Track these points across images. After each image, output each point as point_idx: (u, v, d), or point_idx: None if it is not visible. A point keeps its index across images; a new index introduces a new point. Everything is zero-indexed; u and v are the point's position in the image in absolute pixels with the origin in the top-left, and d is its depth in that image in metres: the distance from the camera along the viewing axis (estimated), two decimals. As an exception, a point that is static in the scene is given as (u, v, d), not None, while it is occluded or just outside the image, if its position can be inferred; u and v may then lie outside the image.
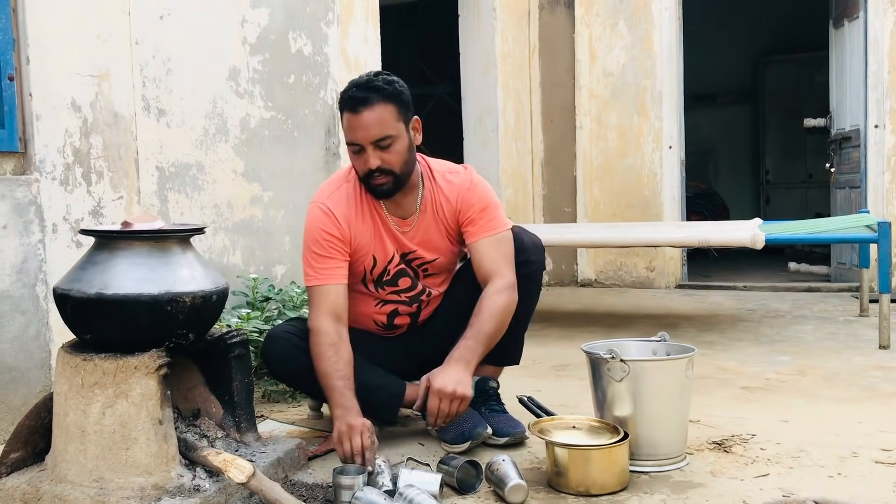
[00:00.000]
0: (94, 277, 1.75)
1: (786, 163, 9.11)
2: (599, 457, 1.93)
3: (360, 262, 2.31)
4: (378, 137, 2.14)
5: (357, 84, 2.18)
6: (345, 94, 2.19)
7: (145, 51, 2.89)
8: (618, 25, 5.91)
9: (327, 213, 2.27)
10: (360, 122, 2.14)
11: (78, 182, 2.63)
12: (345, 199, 2.29)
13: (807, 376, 3.09)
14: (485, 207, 2.32)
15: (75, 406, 1.75)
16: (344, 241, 2.26)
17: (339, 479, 1.83)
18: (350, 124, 2.16)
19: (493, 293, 2.23)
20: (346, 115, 2.17)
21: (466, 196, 2.32)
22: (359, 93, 2.14)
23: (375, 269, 2.33)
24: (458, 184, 2.34)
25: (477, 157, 5.75)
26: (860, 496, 1.85)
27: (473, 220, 2.30)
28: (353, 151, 2.19)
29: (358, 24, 4.10)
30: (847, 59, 5.59)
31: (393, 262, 2.33)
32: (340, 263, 2.25)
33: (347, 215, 2.27)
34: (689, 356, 2.11)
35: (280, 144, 3.57)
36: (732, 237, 4.00)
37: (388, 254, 2.32)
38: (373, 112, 2.13)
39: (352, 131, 2.16)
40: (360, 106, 2.13)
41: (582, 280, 6.13)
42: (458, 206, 2.32)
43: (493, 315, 2.20)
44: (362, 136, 2.14)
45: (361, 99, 2.13)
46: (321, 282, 2.23)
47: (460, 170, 2.39)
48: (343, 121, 2.20)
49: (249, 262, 3.38)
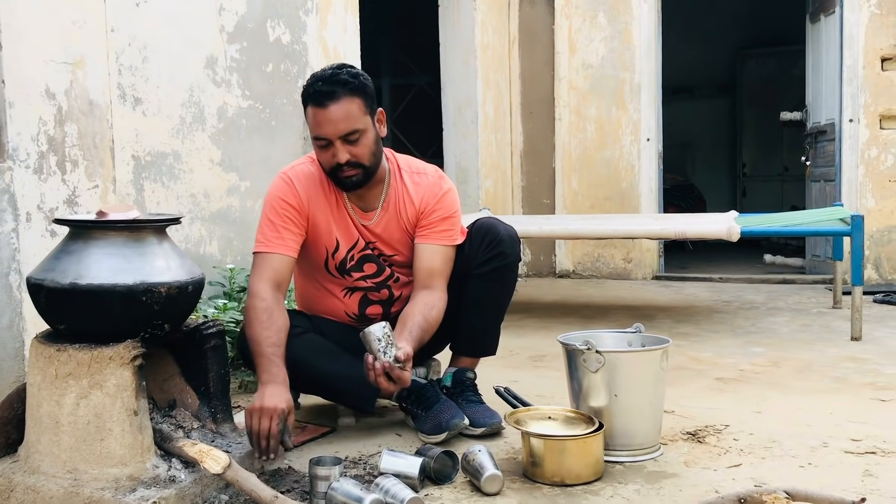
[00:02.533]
0: (68, 267, 1.73)
1: (762, 156, 9.18)
2: (574, 447, 1.95)
3: (321, 243, 2.30)
4: (346, 132, 2.13)
5: (322, 78, 2.15)
6: (309, 88, 2.16)
7: (121, 38, 2.86)
8: (597, 17, 5.93)
9: (287, 182, 2.27)
10: (326, 117, 2.12)
11: (52, 170, 2.60)
12: (309, 176, 2.29)
13: (780, 368, 3.13)
14: (446, 217, 2.32)
15: (49, 397, 1.74)
16: (300, 212, 2.25)
17: (314, 469, 1.83)
18: (316, 119, 2.14)
19: (429, 305, 2.22)
20: (311, 110, 2.15)
21: (433, 200, 2.31)
22: (324, 87, 2.12)
23: (338, 253, 2.32)
24: (425, 186, 2.33)
25: (456, 149, 5.75)
26: (830, 485, 1.88)
27: (431, 225, 2.31)
28: (320, 146, 2.18)
29: (337, 13, 4.08)
30: (823, 54, 5.64)
31: (357, 247, 2.33)
32: (293, 236, 2.23)
33: (309, 189, 2.27)
34: (663, 347, 2.13)
35: (258, 134, 3.55)
36: (708, 230, 4.03)
37: (353, 238, 2.32)
38: (339, 106, 2.11)
39: (318, 126, 2.14)
40: (326, 100, 2.11)
41: (560, 271, 6.16)
42: (421, 207, 2.31)
43: (431, 328, 2.20)
44: (330, 130, 2.13)
45: (327, 93, 2.11)
46: (268, 249, 2.21)
47: (430, 171, 2.38)
48: (308, 115, 2.17)
49: (226, 252, 3.36)
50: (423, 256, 2.30)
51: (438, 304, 2.25)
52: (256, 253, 2.23)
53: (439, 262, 2.30)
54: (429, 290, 2.27)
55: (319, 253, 2.32)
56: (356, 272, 2.36)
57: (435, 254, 2.30)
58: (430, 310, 2.22)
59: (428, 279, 2.28)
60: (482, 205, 5.55)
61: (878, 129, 5.26)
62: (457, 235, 2.35)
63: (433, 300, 2.24)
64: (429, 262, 2.29)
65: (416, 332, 2.15)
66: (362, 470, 2.02)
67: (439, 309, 2.24)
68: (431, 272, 2.29)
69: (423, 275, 2.29)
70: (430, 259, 2.30)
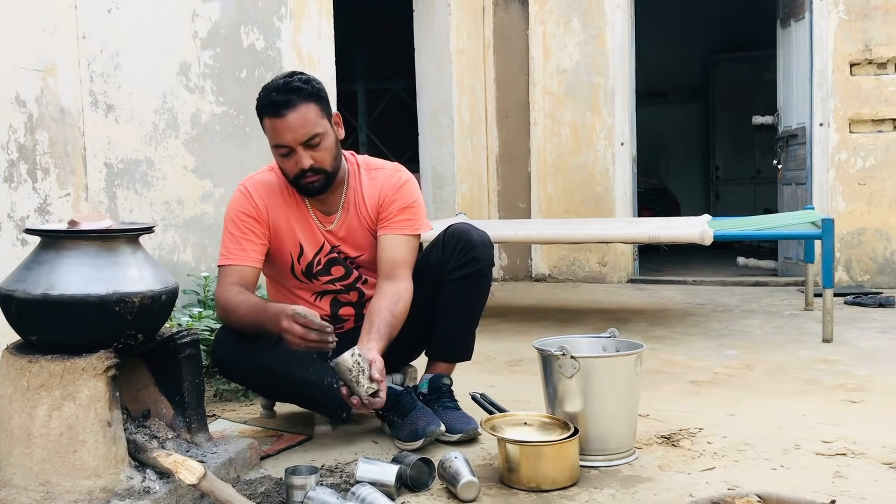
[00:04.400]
0: (39, 278, 1.71)
1: (735, 159, 9.28)
2: (550, 453, 1.96)
3: (285, 250, 2.31)
4: (306, 137, 2.15)
5: (275, 88, 2.16)
6: (264, 99, 2.17)
7: (93, 45, 2.84)
8: (571, 23, 5.97)
9: (244, 194, 2.29)
10: (285, 125, 2.13)
11: (23, 179, 2.58)
12: (268, 185, 2.30)
13: (753, 370, 3.16)
14: (406, 207, 2.33)
15: (20, 409, 1.72)
16: (260, 222, 2.26)
17: (290, 478, 1.83)
18: (275, 128, 2.15)
19: (395, 298, 2.22)
20: (268, 121, 2.16)
21: (391, 192, 2.33)
22: (279, 96, 2.13)
23: (303, 257, 2.32)
24: (382, 179, 2.35)
25: (432, 153, 5.76)
26: (801, 487, 1.91)
27: (391, 216, 2.32)
28: (282, 154, 2.19)
29: (311, 18, 4.07)
30: (793, 59, 5.72)
31: (323, 251, 2.34)
32: (254, 246, 2.25)
33: (267, 197, 2.28)
34: (637, 352, 2.15)
35: (232, 140, 3.53)
36: (682, 233, 4.07)
37: (318, 242, 2.33)
38: (297, 113, 2.13)
39: (277, 135, 2.15)
40: (282, 109, 2.13)
41: (536, 275, 6.18)
42: (380, 200, 2.33)
43: (399, 321, 2.20)
44: (290, 138, 2.14)
45: (283, 102, 2.13)
46: (231, 262, 2.24)
47: (388, 166, 2.40)
48: (266, 127, 2.18)
49: (200, 260, 3.34)
50: (386, 247, 2.31)
51: (404, 295, 2.24)
52: (220, 266, 2.26)
53: (402, 252, 2.30)
54: (393, 281, 2.26)
55: (284, 259, 2.33)
56: (324, 276, 2.36)
57: (397, 243, 2.30)
58: (395, 303, 2.21)
59: (392, 269, 2.28)
60: (458, 209, 5.56)
61: (848, 133, 5.34)
62: (419, 224, 2.35)
63: (398, 291, 2.24)
64: (391, 252, 2.30)
65: (383, 329, 2.15)
66: (339, 478, 2.02)
67: (405, 301, 2.24)
68: (395, 262, 2.29)
69: (386, 265, 2.29)
70: (393, 249, 2.30)
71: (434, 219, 5.15)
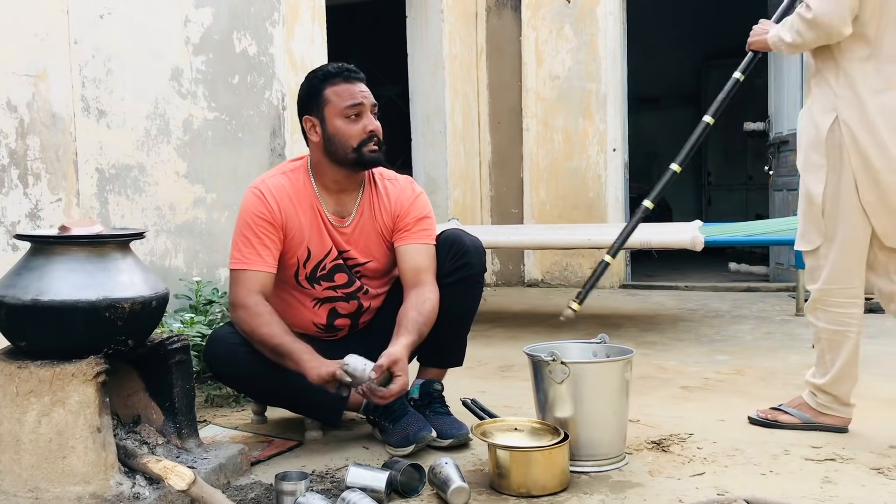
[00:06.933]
0: (29, 283, 1.71)
1: (727, 165, 9.32)
2: (540, 458, 1.96)
3: (293, 253, 2.31)
4: (374, 105, 2.29)
5: (342, 66, 2.29)
6: (333, 70, 2.28)
7: (85, 50, 2.84)
8: (563, 29, 5.99)
9: (259, 197, 2.28)
10: (360, 88, 2.27)
11: (14, 184, 2.57)
12: (282, 187, 2.31)
13: (744, 376, 3.17)
14: (422, 218, 2.37)
15: (10, 415, 1.72)
16: (276, 225, 2.26)
17: (280, 484, 1.83)
18: (349, 90, 2.25)
19: (421, 299, 2.25)
20: (340, 85, 2.26)
21: (407, 203, 2.37)
22: (352, 70, 2.29)
23: (309, 262, 2.32)
24: (399, 188, 2.39)
25: (425, 159, 5.77)
26: (790, 493, 1.91)
27: (409, 226, 2.36)
28: (352, 115, 2.25)
29: (304, 24, 4.08)
30: (784, 66, 5.75)
31: (330, 257, 2.34)
32: (269, 252, 2.25)
33: (282, 201, 2.28)
34: (627, 358, 2.16)
35: (224, 146, 3.53)
36: (673, 239, 4.08)
37: (326, 247, 2.33)
38: (364, 84, 2.29)
39: (352, 96, 2.25)
40: (355, 76, 2.28)
41: (529, 280, 6.19)
42: (397, 210, 2.36)
43: (428, 320, 2.24)
44: (364, 96, 2.26)
45: (355, 71, 2.29)
46: (248, 266, 2.23)
47: (401, 178, 2.45)
48: (329, 94, 2.25)
49: (192, 265, 3.34)
50: (408, 256, 2.33)
51: (431, 296, 2.27)
52: (237, 270, 2.24)
53: (425, 260, 2.34)
54: (419, 288, 2.29)
55: (290, 264, 2.32)
56: (326, 281, 2.36)
57: (418, 252, 2.34)
58: (422, 304, 2.24)
59: (416, 277, 2.31)
60: (451, 215, 5.57)
61: (838, 140, 5.35)
62: (434, 235, 2.40)
63: (424, 293, 2.27)
64: (414, 261, 2.32)
65: (411, 326, 2.19)
66: (329, 484, 2.02)
67: (432, 301, 2.26)
68: (418, 269, 2.31)
69: (410, 274, 2.32)
70: (415, 258, 2.33)
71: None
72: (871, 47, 2.21)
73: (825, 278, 2.35)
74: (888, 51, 2.20)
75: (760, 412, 2.49)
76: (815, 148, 2.30)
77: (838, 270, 2.32)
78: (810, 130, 2.33)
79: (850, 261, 2.31)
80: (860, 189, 2.24)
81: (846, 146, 2.24)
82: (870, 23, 2.19)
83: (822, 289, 2.37)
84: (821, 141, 2.28)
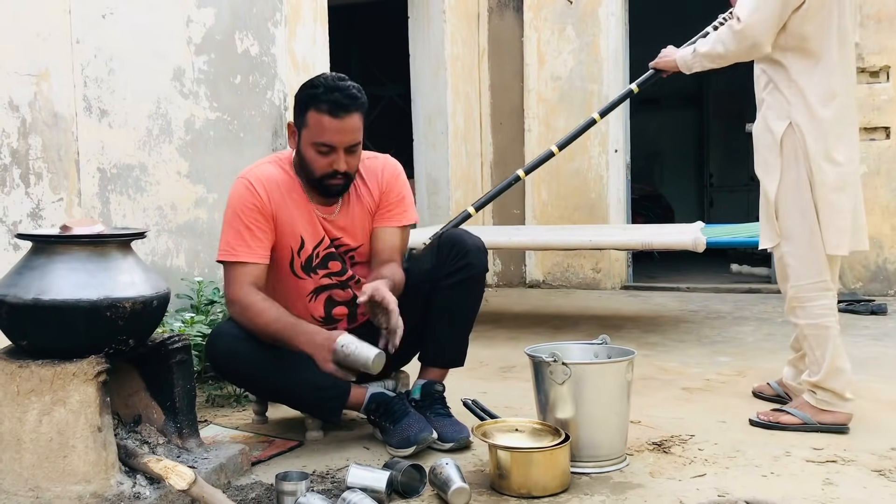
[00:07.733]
0: (31, 283, 1.71)
1: (729, 166, 9.31)
2: (541, 459, 1.96)
3: (286, 244, 2.31)
4: (352, 143, 2.23)
5: (337, 88, 2.19)
6: (322, 95, 2.18)
7: (87, 50, 2.84)
8: (566, 30, 5.98)
9: (249, 188, 2.28)
10: (339, 127, 2.19)
11: (16, 183, 2.58)
12: (271, 176, 2.31)
13: (745, 377, 3.17)
14: (403, 198, 2.42)
15: (10, 414, 1.72)
16: (265, 215, 2.26)
17: (281, 484, 1.83)
18: (326, 127, 2.18)
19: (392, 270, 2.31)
20: (321, 117, 2.18)
21: (391, 180, 2.41)
22: (343, 99, 2.18)
23: (303, 251, 2.33)
24: (380, 165, 2.43)
25: (426, 159, 5.77)
26: (791, 494, 1.91)
27: (390, 207, 2.40)
28: (321, 152, 2.22)
29: (306, 24, 4.08)
30: (786, 67, 5.73)
31: (322, 245, 2.35)
32: (260, 242, 2.25)
33: (271, 191, 2.28)
34: (628, 359, 2.15)
35: (225, 145, 3.53)
36: (675, 241, 4.08)
37: (319, 236, 2.34)
38: (352, 120, 2.20)
39: (327, 133, 2.19)
40: (342, 112, 2.18)
41: (530, 281, 6.19)
42: (382, 186, 2.40)
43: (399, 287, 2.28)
44: (338, 139, 2.20)
45: (345, 105, 2.18)
46: (239, 258, 2.23)
47: (379, 155, 2.48)
48: (310, 120, 2.20)
49: (194, 265, 3.34)
50: (385, 237, 2.39)
51: (399, 271, 2.35)
52: (228, 262, 2.23)
53: (400, 242, 2.41)
54: (392, 263, 2.35)
55: (284, 254, 2.32)
56: (321, 269, 2.37)
57: (395, 235, 2.41)
58: (395, 273, 2.30)
59: (390, 255, 2.37)
60: (452, 215, 5.56)
61: (840, 141, 5.35)
62: (412, 214, 2.45)
63: (394, 268, 2.33)
64: (390, 243, 2.39)
65: (387, 275, 2.24)
66: (329, 484, 2.02)
67: (401, 276, 2.34)
68: (393, 250, 2.39)
69: (385, 255, 2.37)
70: (392, 240, 2.40)
71: (428, 225, 5.16)
72: (816, 60, 2.37)
73: (793, 275, 2.47)
74: (832, 63, 2.37)
75: (761, 414, 2.49)
76: (772, 150, 2.46)
77: (803, 266, 2.44)
78: (766, 136, 2.50)
79: (810, 256, 2.43)
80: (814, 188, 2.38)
81: (800, 148, 2.38)
82: (813, 37, 2.36)
83: (793, 286, 2.48)
84: (776, 144, 2.43)
